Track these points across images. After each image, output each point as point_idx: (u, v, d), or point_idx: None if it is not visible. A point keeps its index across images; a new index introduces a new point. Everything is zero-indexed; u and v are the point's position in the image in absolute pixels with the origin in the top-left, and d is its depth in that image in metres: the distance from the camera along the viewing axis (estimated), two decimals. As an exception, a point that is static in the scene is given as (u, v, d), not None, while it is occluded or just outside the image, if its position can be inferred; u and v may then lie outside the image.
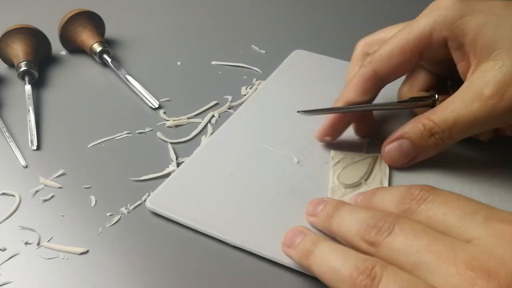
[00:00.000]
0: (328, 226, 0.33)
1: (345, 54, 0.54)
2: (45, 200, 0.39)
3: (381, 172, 0.39)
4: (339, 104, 0.40)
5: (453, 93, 0.36)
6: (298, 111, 0.40)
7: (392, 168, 0.39)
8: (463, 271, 0.24)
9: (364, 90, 0.39)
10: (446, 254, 0.26)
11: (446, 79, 0.40)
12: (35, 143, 0.45)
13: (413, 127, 0.37)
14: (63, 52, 0.57)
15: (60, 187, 0.40)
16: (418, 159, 0.38)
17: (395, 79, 0.40)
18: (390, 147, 0.38)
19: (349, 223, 0.31)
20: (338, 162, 0.40)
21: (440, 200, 0.29)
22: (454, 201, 0.29)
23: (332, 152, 0.41)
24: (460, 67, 0.37)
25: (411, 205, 0.30)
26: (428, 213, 0.29)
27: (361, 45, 0.43)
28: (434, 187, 0.31)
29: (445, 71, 0.40)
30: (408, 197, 0.30)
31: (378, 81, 0.39)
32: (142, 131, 0.46)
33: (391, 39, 0.38)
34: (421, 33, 0.37)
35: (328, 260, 0.29)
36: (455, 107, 0.35)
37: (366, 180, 0.38)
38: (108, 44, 0.55)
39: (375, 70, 0.38)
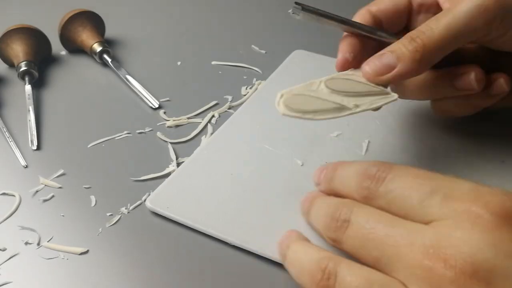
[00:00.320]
0: (309, 220, 0.34)
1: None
2: (45, 200, 0.39)
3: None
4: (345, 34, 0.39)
5: None
6: (296, 4, 0.36)
7: (370, 81, 0.36)
8: (420, 262, 0.24)
9: (362, 19, 0.40)
10: (404, 243, 0.25)
11: None
12: (35, 143, 0.45)
13: (396, 42, 0.36)
14: (63, 52, 0.57)
15: (60, 187, 0.41)
16: (399, 74, 0.34)
17: (388, 25, 0.40)
18: (368, 63, 0.36)
19: (317, 217, 0.32)
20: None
21: (398, 181, 0.28)
22: (412, 179, 0.27)
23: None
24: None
25: (370, 189, 0.29)
26: (388, 198, 0.28)
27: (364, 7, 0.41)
28: (391, 163, 0.29)
29: None
30: (366, 178, 0.29)
31: (373, 18, 0.40)
32: (142, 131, 0.46)
33: None
34: None
35: (297, 261, 0.29)
36: (442, 15, 0.34)
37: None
38: (108, 44, 0.55)
39: (369, 9, 0.40)
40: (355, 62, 0.37)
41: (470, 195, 0.25)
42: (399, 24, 0.41)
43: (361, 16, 0.40)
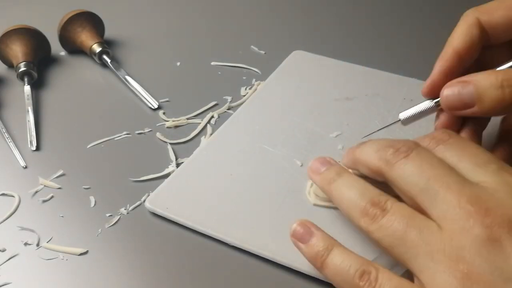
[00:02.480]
0: (352, 155, 0.34)
1: (345, 54, 0.54)
2: (44, 201, 0.39)
3: None
4: (447, 52, 0.35)
5: None
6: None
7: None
8: (464, 205, 0.26)
9: (470, 36, 0.34)
10: (454, 187, 0.27)
11: None
12: (35, 143, 0.45)
13: (486, 75, 0.32)
14: (63, 53, 0.57)
15: (59, 188, 0.40)
16: (473, 112, 0.33)
17: (495, 41, 0.35)
18: (450, 90, 0.33)
19: (370, 147, 0.32)
20: None
21: (458, 145, 0.31)
22: (473, 149, 0.30)
23: None
24: None
25: (430, 143, 0.31)
26: (445, 154, 0.30)
27: (472, 12, 0.35)
28: (455, 133, 0.32)
29: None
30: (429, 137, 0.32)
31: (482, 32, 0.34)
32: (142, 131, 0.46)
33: None
34: None
35: (348, 190, 0.31)
36: None
37: None
38: (108, 45, 0.55)
39: (478, 18, 0.34)
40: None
41: None
42: None
43: (468, 29, 0.35)
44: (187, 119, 0.47)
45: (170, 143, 0.44)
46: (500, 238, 0.25)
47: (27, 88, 0.50)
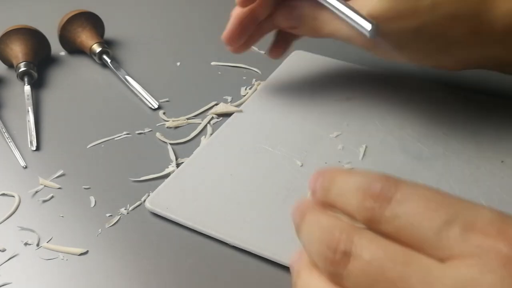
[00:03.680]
0: (300, 239, 0.26)
1: (345, 55, 0.54)
2: (44, 201, 0.39)
3: None
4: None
5: None
6: None
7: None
8: None
9: None
10: (421, 287, 0.20)
11: None
12: (35, 143, 0.45)
13: None
14: (63, 53, 0.57)
15: (59, 188, 0.40)
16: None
17: None
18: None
19: (310, 240, 0.25)
20: None
21: (408, 204, 0.22)
22: (425, 204, 0.22)
23: None
24: None
25: (374, 210, 0.23)
26: (396, 224, 0.22)
27: None
28: (398, 179, 0.24)
29: None
30: (369, 197, 0.23)
31: None
32: (142, 131, 0.46)
33: None
34: None
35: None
36: None
37: None
38: (108, 45, 0.55)
39: None
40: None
41: (493, 227, 0.21)
42: None
43: None
44: (187, 119, 0.47)
45: (170, 143, 0.44)
46: None
47: (27, 88, 0.50)
